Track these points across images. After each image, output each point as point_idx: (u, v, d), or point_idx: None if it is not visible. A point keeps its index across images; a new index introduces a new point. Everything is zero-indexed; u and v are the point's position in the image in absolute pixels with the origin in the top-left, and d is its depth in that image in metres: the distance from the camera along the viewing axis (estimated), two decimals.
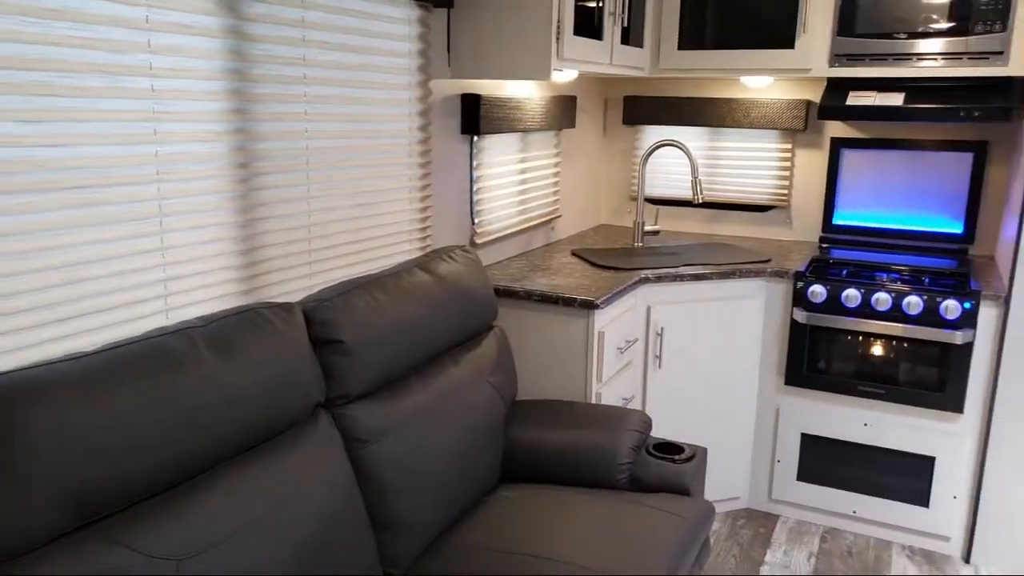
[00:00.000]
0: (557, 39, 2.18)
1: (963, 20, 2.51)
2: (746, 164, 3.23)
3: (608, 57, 2.53)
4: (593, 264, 2.67)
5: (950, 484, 2.59)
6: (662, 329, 2.61)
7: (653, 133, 3.37)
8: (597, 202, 3.54)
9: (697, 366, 2.71)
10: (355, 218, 2.04)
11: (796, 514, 2.85)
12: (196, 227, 1.62)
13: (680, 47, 2.89)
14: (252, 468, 1.41)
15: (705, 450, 2.09)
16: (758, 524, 2.82)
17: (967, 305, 2.45)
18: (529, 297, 2.30)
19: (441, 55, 2.29)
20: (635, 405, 2.62)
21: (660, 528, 1.77)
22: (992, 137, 2.85)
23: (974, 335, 2.48)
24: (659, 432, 2.69)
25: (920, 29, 2.57)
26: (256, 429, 1.43)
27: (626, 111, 3.36)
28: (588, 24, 2.38)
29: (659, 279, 2.57)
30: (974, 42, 2.51)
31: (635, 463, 2.02)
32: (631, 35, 2.73)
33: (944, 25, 2.54)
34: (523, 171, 2.82)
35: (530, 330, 2.32)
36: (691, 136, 3.29)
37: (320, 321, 1.63)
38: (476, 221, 2.55)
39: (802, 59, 2.73)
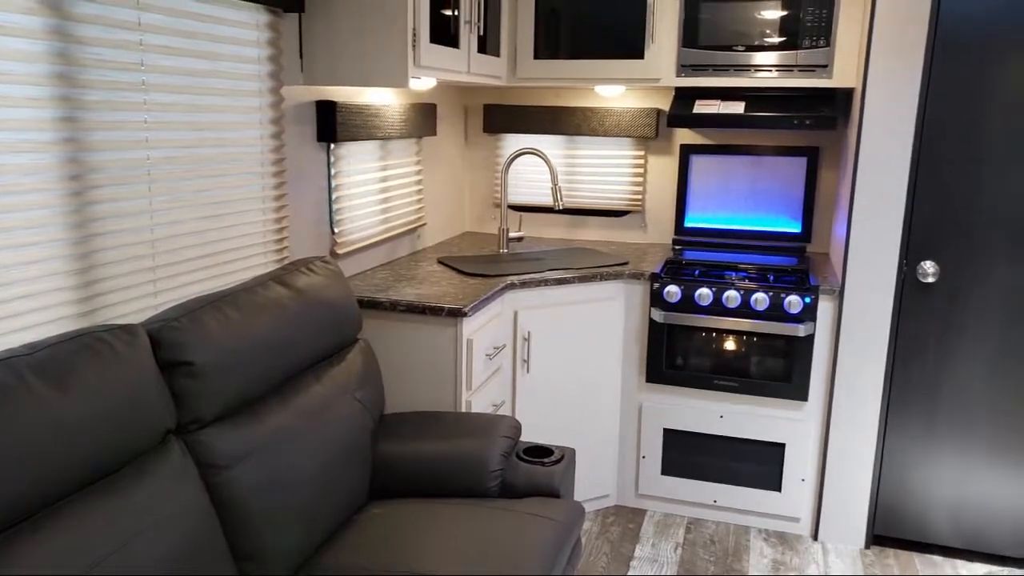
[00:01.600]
0: (413, 47, 2.16)
1: (792, 35, 2.71)
2: (603, 171, 3.34)
3: (466, 66, 2.54)
4: (459, 272, 2.66)
5: (799, 468, 2.77)
6: (529, 334, 2.64)
7: (514, 141, 3.41)
8: (461, 210, 3.54)
9: (563, 369, 2.76)
10: (204, 231, 1.94)
11: (662, 507, 2.97)
12: (22, 245, 1.48)
13: (536, 56, 2.95)
14: (94, 506, 1.29)
15: (573, 451, 2.13)
16: (627, 520, 2.91)
17: (807, 299, 2.64)
18: (395, 307, 2.26)
19: (294, 61, 2.22)
20: (505, 411, 2.64)
21: (532, 533, 1.78)
22: (822, 143, 3.08)
23: (814, 327, 2.67)
24: (529, 436, 2.72)
25: (756, 42, 2.74)
26: (98, 463, 1.32)
27: (486, 119, 3.39)
28: (445, 32, 2.38)
29: (525, 284, 2.60)
30: (803, 56, 2.71)
31: (506, 469, 2.03)
32: (488, 44, 2.75)
33: (776, 39, 2.72)
34: (384, 179, 2.78)
35: (397, 341, 2.29)
36: (550, 144, 3.36)
37: (167, 342, 1.53)
38: (337, 231, 2.48)
39: (651, 69, 2.85)
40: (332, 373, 1.94)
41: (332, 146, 2.43)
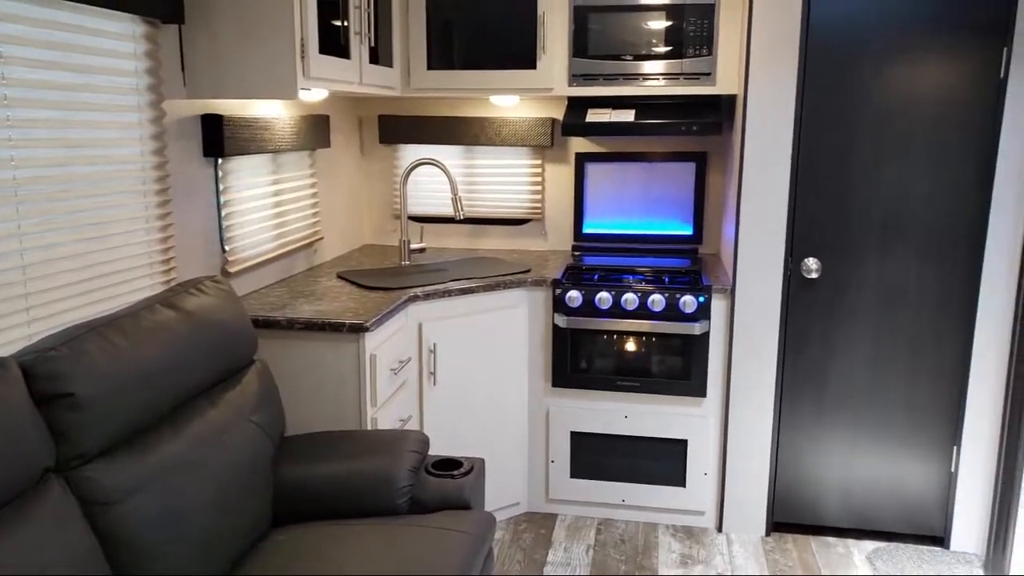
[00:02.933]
0: (302, 58, 2.11)
1: (677, 45, 2.80)
2: (502, 180, 3.36)
3: (358, 76, 2.50)
4: (360, 286, 2.61)
5: (701, 463, 2.86)
6: (435, 345, 2.62)
7: (411, 151, 3.39)
8: (360, 222, 3.48)
9: (470, 379, 2.75)
10: (83, 254, 1.82)
11: (573, 511, 3.00)
12: None
13: (430, 67, 2.94)
14: None
15: (483, 461, 2.12)
16: (538, 526, 2.93)
17: (701, 299, 2.73)
18: (293, 326, 2.20)
19: (175, 74, 2.12)
20: (412, 425, 2.60)
21: (444, 547, 1.76)
22: (709, 148, 3.21)
23: (709, 325, 2.76)
24: (439, 449, 2.70)
25: (644, 52, 2.83)
26: None
27: (382, 130, 3.35)
28: (335, 43, 2.33)
29: (428, 296, 2.57)
30: (687, 64, 2.81)
31: (415, 485, 2.00)
32: (380, 54, 2.72)
33: (662, 49, 2.81)
34: (277, 193, 2.70)
35: (296, 361, 2.22)
36: (448, 154, 3.36)
37: (43, 374, 1.43)
38: (228, 248, 2.39)
39: (543, 79, 2.89)
40: (227, 397, 1.87)
41: (220, 161, 2.34)
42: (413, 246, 3.12)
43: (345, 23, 2.40)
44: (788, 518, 2.89)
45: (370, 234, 3.53)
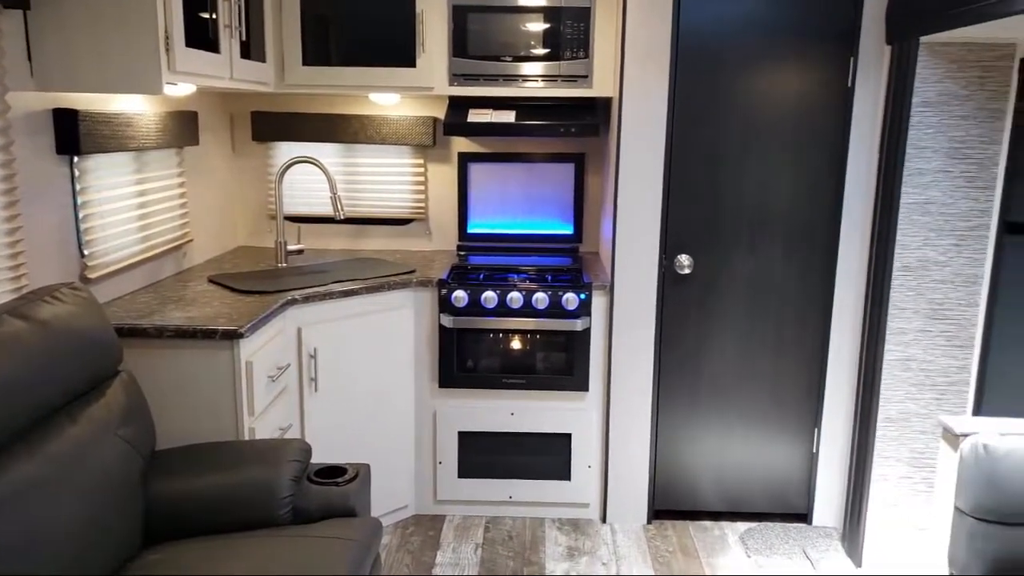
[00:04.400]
0: (167, 50, 2.00)
1: (555, 47, 2.85)
2: (383, 179, 3.31)
3: (228, 71, 2.39)
4: (234, 290, 2.50)
5: (585, 456, 2.93)
6: (315, 350, 2.54)
7: (287, 150, 3.28)
8: (233, 223, 3.34)
9: (354, 383, 2.69)
10: None
11: (461, 510, 3.00)
12: None
13: (305, 63, 2.85)
14: None
15: (368, 467, 2.08)
16: (426, 528, 2.91)
17: (582, 296, 2.79)
18: (161, 334, 2.08)
19: (20, 63, 1.96)
20: (294, 433, 2.52)
21: (328, 556, 1.72)
22: (587, 150, 3.28)
23: (590, 321, 2.83)
24: (323, 456, 2.62)
25: (523, 54, 2.86)
26: None
27: (255, 127, 3.23)
28: (203, 36, 2.22)
29: (307, 299, 2.50)
30: (565, 67, 2.87)
31: (297, 494, 1.94)
32: (252, 49, 2.62)
33: (541, 51, 2.86)
34: (142, 194, 2.55)
35: (167, 370, 2.10)
36: (327, 152, 3.27)
37: None
38: (87, 253, 2.23)
39: (424, 78, 2.86)
40: (90, 412, 1.74)
41: (76, 159, 2.18)
42: (290, 247, 3.02)
43: (214, 15, 2.29)
44: (668, 505, 3.00)
45: (244, 236, 3.39)
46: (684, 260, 2.81)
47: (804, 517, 3.00)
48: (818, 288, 2.82)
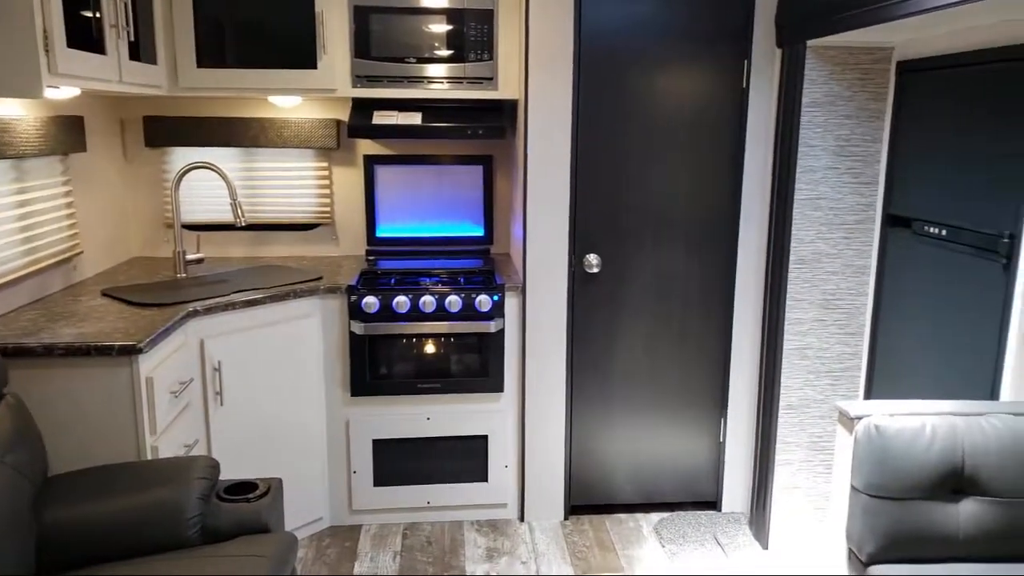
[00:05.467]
0: (47, 51, 1.88)
1: (459, 49, 2.85)
2: (286, 184, 3.22)
3: (116, 74, 2.28)
4: (130, 303, 2.38)
5: (502, 456, 2.94)
6: (219, 363, 2.45)
7: (183, 155, 3.15)
8: (127, 233, 3.18)
9: (263, 395, 2.61)
10: None
11: (378, 519, 2.95)
12: None
13: (200, 65, 2.74)
14: None
15: (280, 481, 2.02)
16: (343, 539, 2.85)
17: (495, 297, 2.80)
18: (51, 352, 1.95)
19: None
20: (200, 450, 2.42)
21: (242, 575, 1.66)
22: (495, 152, 3.30)
23: (504, 322, 2.84)
24: (232, 472, 2.53)
25: (427, 55, 2.84)
26: None
27: (148, 132, 3.08)
28: (87, 36, 2.10)
29: (209, 310, 2.41)
30: (470, 68, 2.87)
31: (206, 513, 1.86)
32: (142, 50, 2.50)
33: (445, 52, 2.85)
34: (23, 204, 2.39)
35: (58, 391, 1.97)
36: (225, 157, 3.16)
37: None
38: None
39: (325, 80, 2.81)
40: None
41: None
42: (189, 257, 2.91)
43: (97, 14, 2.17)
44: (584, 500, 3.05)
45: (140, 246, 3.23)
46: (593, 259, 2.85)
47: (714, 504, 3.10)
48: (720, 282, 2.93)
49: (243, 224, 2.82)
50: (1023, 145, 1.96)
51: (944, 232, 2.29)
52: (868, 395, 2.74)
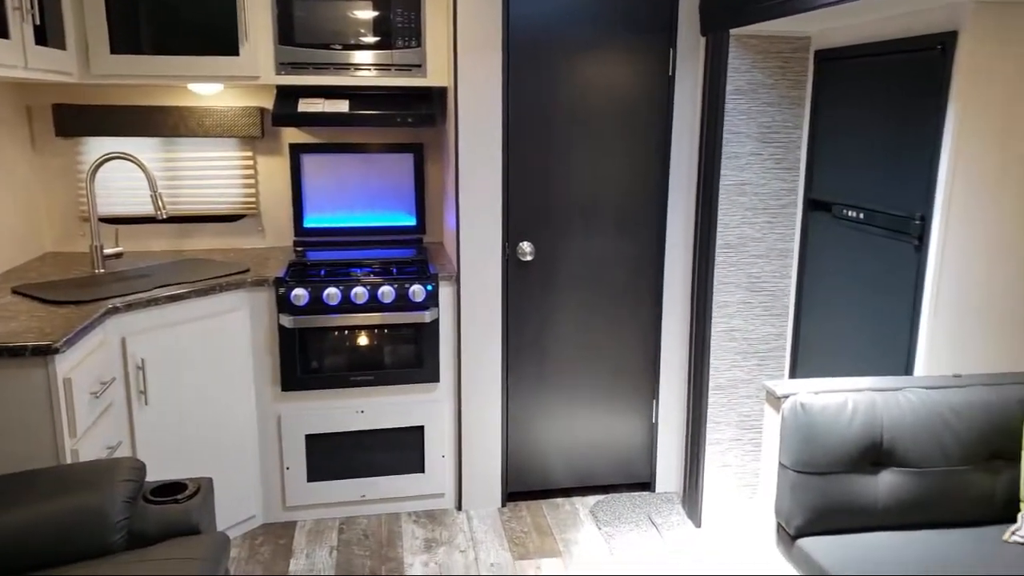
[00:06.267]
0: None
1: (386, 35, 2.80)
2: (209, 174, 3.12)
3: (21, 60, 2.16)
4: (44, 300, 2.27)
5: (438, 446, 2.93)
6: (143, 361, 2.36)
7: (98, 145, 3.01)
8: (38, 228, 3.02)
9: (189, 393, 2.53)
10: None
11: (313, 514, 2.91)
12: None
13: (114, 51, 2.62)
14: None
15: (210, 480, 1.96)
16: (277, 537, 2.80)
17: (429, 287, 2.78)
18: None
19: None
20: (124, 451, 2.33)
21: None
22: (426, 140, 3.26)
23: (438, 312, 2.83)
24: (159, 473, 2.45)
25: (353, 41, 2.79)
26: None
27: (58, 122, 2.93)
28: None
29: (130, 307, 2.32)
30: (397, 55, 2.83)
31: (133, 516, 1.79)
32: (50, 35, 2.37)
33: (372, 39, 2.80)
34: None
35: None
36: (144, 147, 3.04)
37: None
38: None
39: (248, 66, 2.72)
40: None
41: None
42: (107, 251, 2.79)
43: None
44: (521, 487, 3.07)
45: (53, 241, 3.08)
46: (526, 247, 2.86)
47: (648, 485, 3.17)
48: (649, 267, 2.98)
49: (164, 216, 2.72)
50: (929, 131, 2.05)
51: (861, 215, 2.38)
52: (793, 374, 2.84)
